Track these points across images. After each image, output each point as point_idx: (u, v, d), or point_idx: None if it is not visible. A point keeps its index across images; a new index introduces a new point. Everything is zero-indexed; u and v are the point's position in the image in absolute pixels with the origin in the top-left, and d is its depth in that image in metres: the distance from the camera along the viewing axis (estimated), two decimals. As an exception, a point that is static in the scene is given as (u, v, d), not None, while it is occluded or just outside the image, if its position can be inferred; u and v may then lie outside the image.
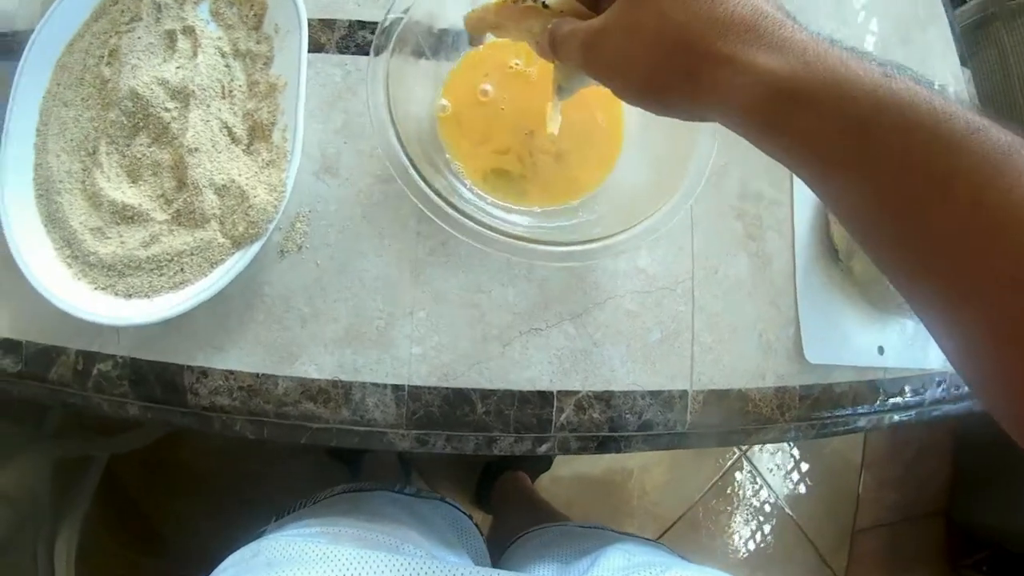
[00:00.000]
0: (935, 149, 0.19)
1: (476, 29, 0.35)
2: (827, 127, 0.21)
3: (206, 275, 0.41)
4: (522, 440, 0.42)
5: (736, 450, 0.98)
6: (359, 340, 0.41)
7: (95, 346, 0.44)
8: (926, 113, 0.20)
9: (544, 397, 0.42)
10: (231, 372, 0.42)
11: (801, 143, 0.22)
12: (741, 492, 0.98)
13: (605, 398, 0.42)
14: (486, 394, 0.41)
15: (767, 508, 0.98)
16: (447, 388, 0.41)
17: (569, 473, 0.91)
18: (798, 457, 1.03)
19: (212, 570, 0.39)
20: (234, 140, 0.42)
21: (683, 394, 0.43)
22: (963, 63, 0.56)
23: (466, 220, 0.36)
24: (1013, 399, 0.20)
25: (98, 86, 0.45)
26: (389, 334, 0.41)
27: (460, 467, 0.90)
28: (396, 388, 0.41)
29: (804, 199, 0.45)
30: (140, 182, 0.44)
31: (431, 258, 0.41)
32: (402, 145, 0.36)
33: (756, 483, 0.98)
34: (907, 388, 0.47)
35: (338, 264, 0.41)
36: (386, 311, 0.41)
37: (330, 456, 0.97)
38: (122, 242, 0.43)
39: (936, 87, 0.21)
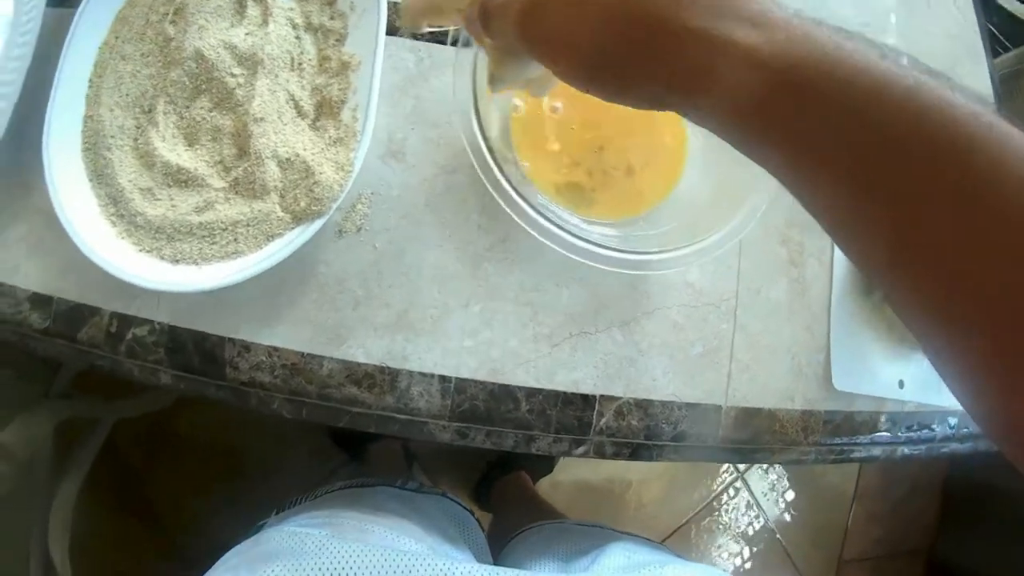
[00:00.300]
0: (943, 140, 0.17)
1: (413, 20, 0.32)
2: (819, 120, 0.18)
3: (261, 248, 0.40)
4: (560, 441, 0.43)
5: (735, 470, 1.00)
6: (411, 328, 0.41)
7: (132, 309, 0.43)
8: (933, 103, 0.18)
9: (587, 400, 0.42)
10: (275, 349, 0.41)
11: (794, 138, 0.19)
12: (734, 513, 1.00)
13: (644, 406, 0.43)
14: (531, 392, 0.42)
15: (758, 531, 1.01)
16: (494, 383, 0.41)
17: (569, 479, 0.92)
18: (792, 484, 1.06)
19: (201, 539, 0.38)
20: (300, 114, 0.42)
21: (717, 409, 0.44)
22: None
23: (536, 215, 0.36)
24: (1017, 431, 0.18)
25: (160, 43, 0.44)
26: (442, 324, 0.41)
27: (463, 463, 0.90)
28: (443, 379, 0.41)
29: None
30: (197, 146, 0.43)
31: (490, 253, 0.42)
32: (483, 133, 0.36)
33: (750, 506, 1.01)
34: (921, 423, 0.49)
35: (396, 249, 0.41)
36: (441, 301, 0.41)
37: (333, 441, 0.97)
38: (173, 205, 0.41)
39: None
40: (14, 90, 0.43)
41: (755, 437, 0.45)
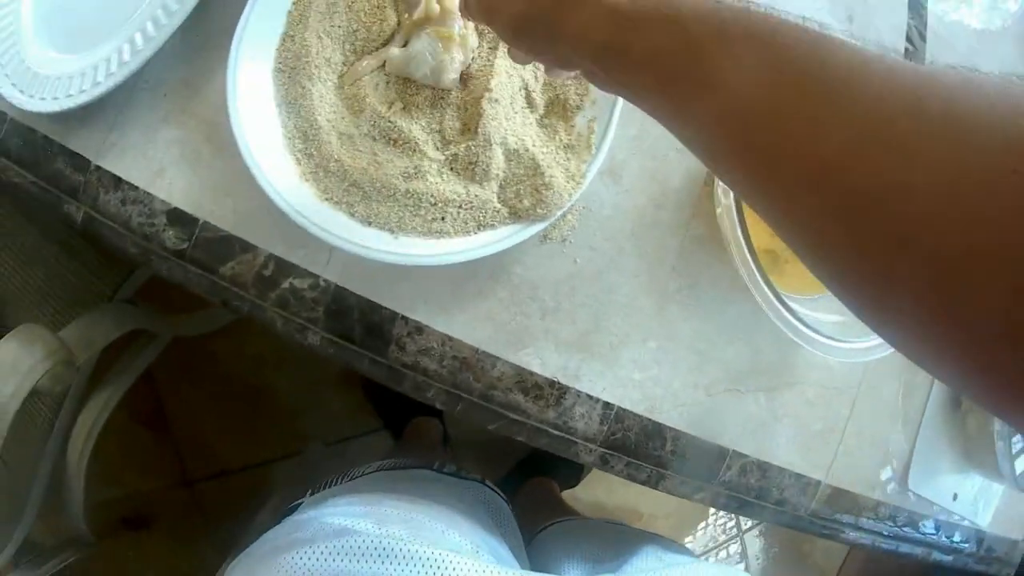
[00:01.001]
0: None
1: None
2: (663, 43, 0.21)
3: (468, 235, 0.38)
4: (686, 483, 0.44)
5: (736, 528, 1.06)
6: (589, 349, 0.41)
7: (294, 257, 0.40)
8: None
9: (721, 453, 0.44)
10: (450, 338, 0.39)
11: (642, 64, 0.22)
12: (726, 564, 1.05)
13: (764, 468, 0.46)
14: (678, 435, 0.43)
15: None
16: (649, 419, 0.42)
17: (588, 496, 0.94)
18: (782, 554, 1.11)
19: (211, 465, 0.36)
20: (530, 105, 0.40)
21: (817, 484, 0.48)
22: None
23: (771, 295, 0.38)
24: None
25: (397, -15, 0.41)
26: (618, 353, 0.41)
27: (492, 455, 0.89)
28: (607, 406, 0.41)
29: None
30: (413, 109, 0.40)
31: (678, 296, 0.42)
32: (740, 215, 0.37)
33: (741, 564, 1.07)
34: (958, 535, 0.55)
35: (595, 269, 0.41)
36: (623, 331, 0.41)
37: (371, 404, 0.93)
38: (377, 162, 0.39)
39: None
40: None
41: (835, 517, 0.49)
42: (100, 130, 0.42)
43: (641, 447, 0.42)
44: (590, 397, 0.41)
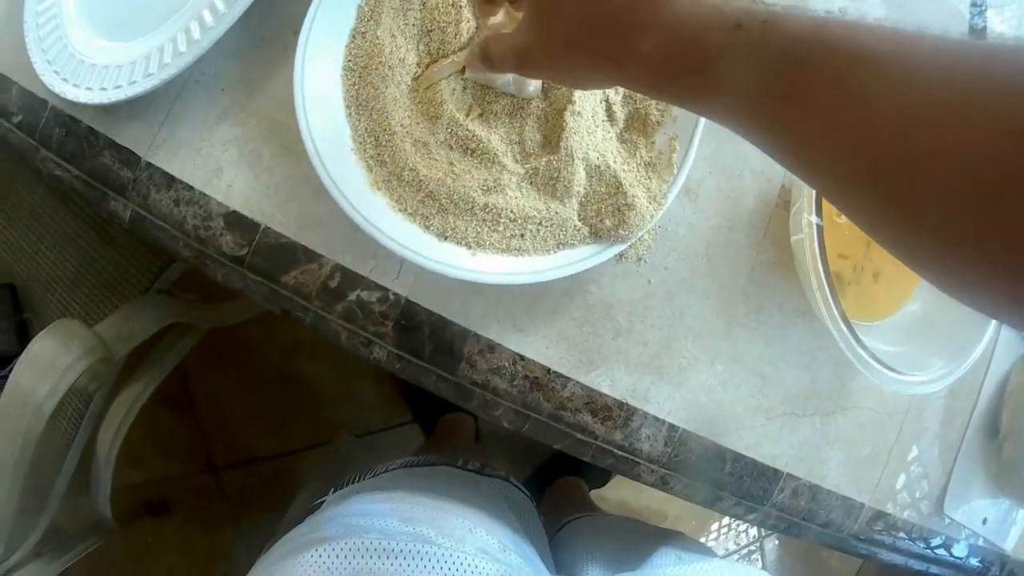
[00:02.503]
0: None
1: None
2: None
3: (548, 253, 0.37)
4: (740, 504, 0.44)
5: (756, 535, 1.08)
6: (659, 371, 0.40)
7: (363, 269, 0.38)
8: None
9: (776, 475, 0.44)
10: (522, 357, 0.38)
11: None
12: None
13: (814, 491, 0.46)
14: (737, 457, 0.43)
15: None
16: (711, 441, 0.42)
17: (614, 496, 0.94)
18: (799, 558, 1.13)
19: (236, 451, 0.36)
20: (611, 119, 0.39)
21: (861, 507, 0.48)
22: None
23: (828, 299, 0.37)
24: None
25: (478, -14, 0.39)
26: (687, 375, 0.41)
27: (524, 449, 0.89)
28: (672, 428, 0.41)
29: (993, 378, 0.53)
30: (492, 117, 0.38)
31: (745, 319, 0.42)
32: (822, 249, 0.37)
33: (759, 563, 1.09)
34: (988, 559, 0.56)
35: (668, 289, 0.40)
36: (692, 353, 0.41)
37: (403, 397, 0.91)
38: (454, 173, 0.37)
39: None
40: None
41: (874, 538, 0.50)
42: (151, 124, 0.39)
43: (702, 469, 0.42)
44: (656, 419, 0.40)
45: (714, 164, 0.42)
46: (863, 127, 0.19)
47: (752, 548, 1.10)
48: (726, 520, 1.10)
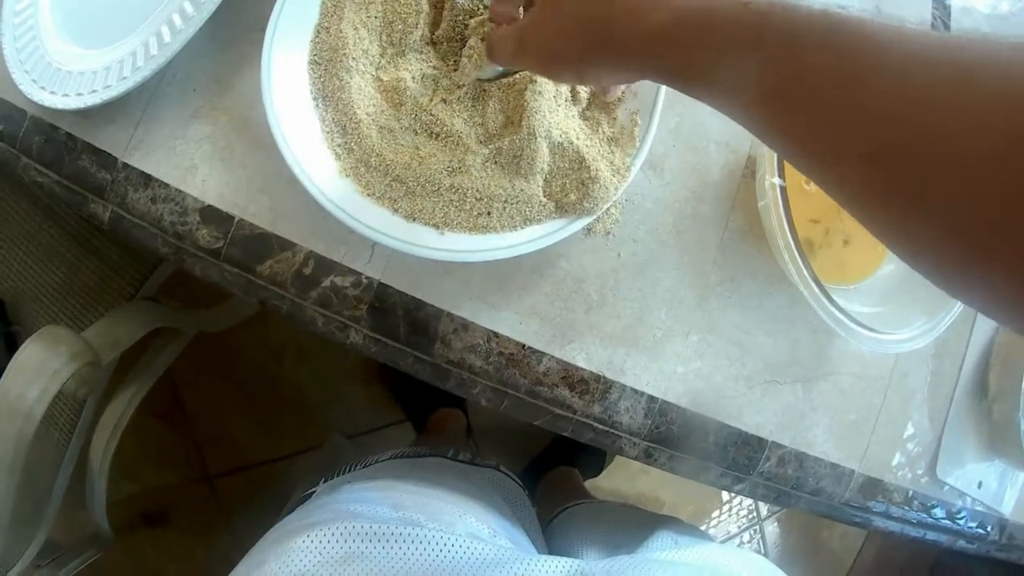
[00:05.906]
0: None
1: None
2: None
3: (515, 229, 0.38)
4: (726, 475, 0.44)
5: (755, 516, 1.07)
6: (634, 343, 0.41)
7: (336, 255, 0.39)
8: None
9: (760, 443, 0.44)
10: (496, 334, 0.39)
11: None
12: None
13: (801, 458, 0.46)
14: (720, 427, 0.43)
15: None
16: (693, 412, 0.42)
17: (609, 485, 0.94)
18: (799, 541, 1.13)
19: (227, 456, 0.36)
20: (574, 98, 0.40)
21: (851, 473, 0.48)
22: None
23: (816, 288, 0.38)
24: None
25: (433, -25, 0.40)
26: (662, 346, 0.41)
27: (517, 442, 0.89)
28: (651, 399, 0.41)
29: (979, 338, 0.53)
30: (455, 102, 0.39)
31: (719, 289, 0.42)
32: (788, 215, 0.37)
33: (760, 552, 1.08)
34: (986, 523, 0.56)
35: (638, 262, 0.41)
36: (667, 324, 0.41)
37: (393, 397, 0.92)
38: (420, 157, 0.38)
39: None
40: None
41: (867, 504, 0.50)
42: (126, 127, 0.40)
43: (685, 441, 0.42)
44: (635, 391, 0.41)
45: (678, 137, 0.42)
46: (864, 113, 0.19)
47: (751, 528, 1.09)
48: (726, 505, 1.09)
